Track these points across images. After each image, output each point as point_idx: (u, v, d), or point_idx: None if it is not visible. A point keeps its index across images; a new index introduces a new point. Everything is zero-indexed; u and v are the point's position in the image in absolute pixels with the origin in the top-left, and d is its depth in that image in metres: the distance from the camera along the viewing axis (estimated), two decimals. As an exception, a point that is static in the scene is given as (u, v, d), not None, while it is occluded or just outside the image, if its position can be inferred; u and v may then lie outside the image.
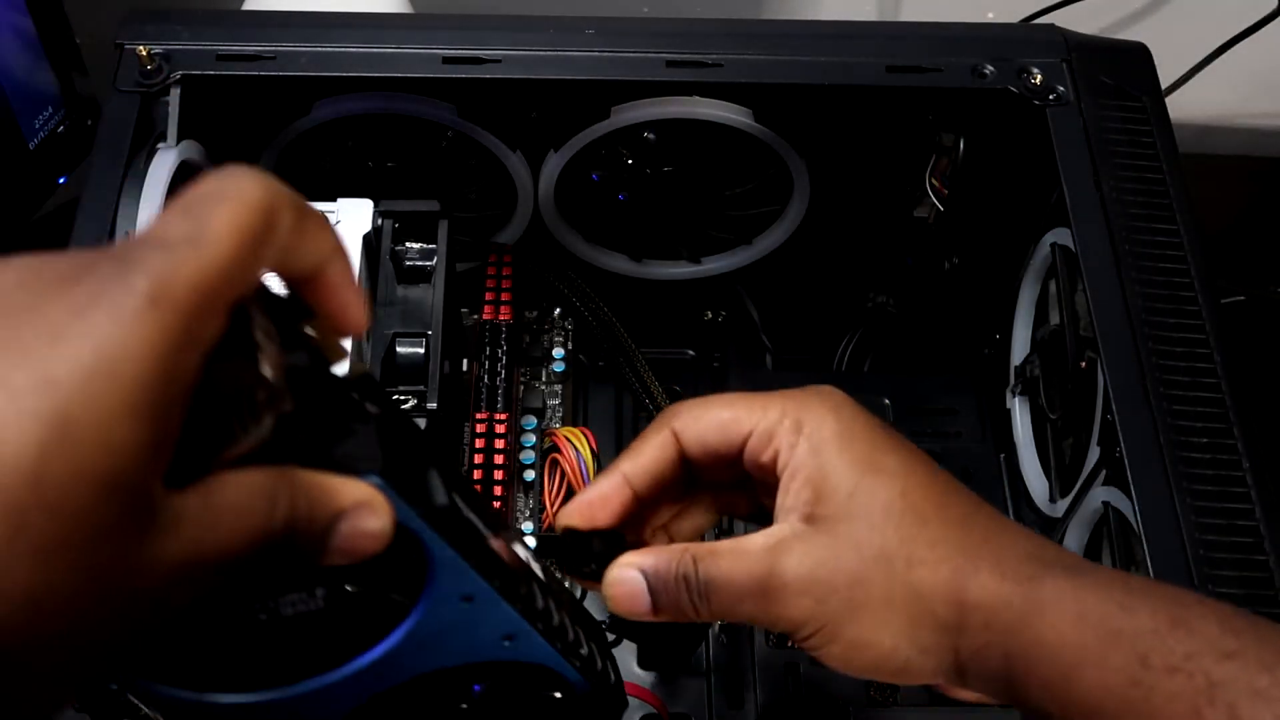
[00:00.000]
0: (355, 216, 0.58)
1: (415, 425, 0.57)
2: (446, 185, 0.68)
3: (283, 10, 0.68)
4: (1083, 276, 0.56)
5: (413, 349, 0.56)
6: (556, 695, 0.41)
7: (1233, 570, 0.48)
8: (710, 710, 0.61)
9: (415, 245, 0.59)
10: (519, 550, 0.37)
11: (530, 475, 0.64)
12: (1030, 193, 0.63)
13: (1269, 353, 0.86)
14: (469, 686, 0.39)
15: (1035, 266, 0.65)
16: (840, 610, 0.38)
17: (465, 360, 0.64)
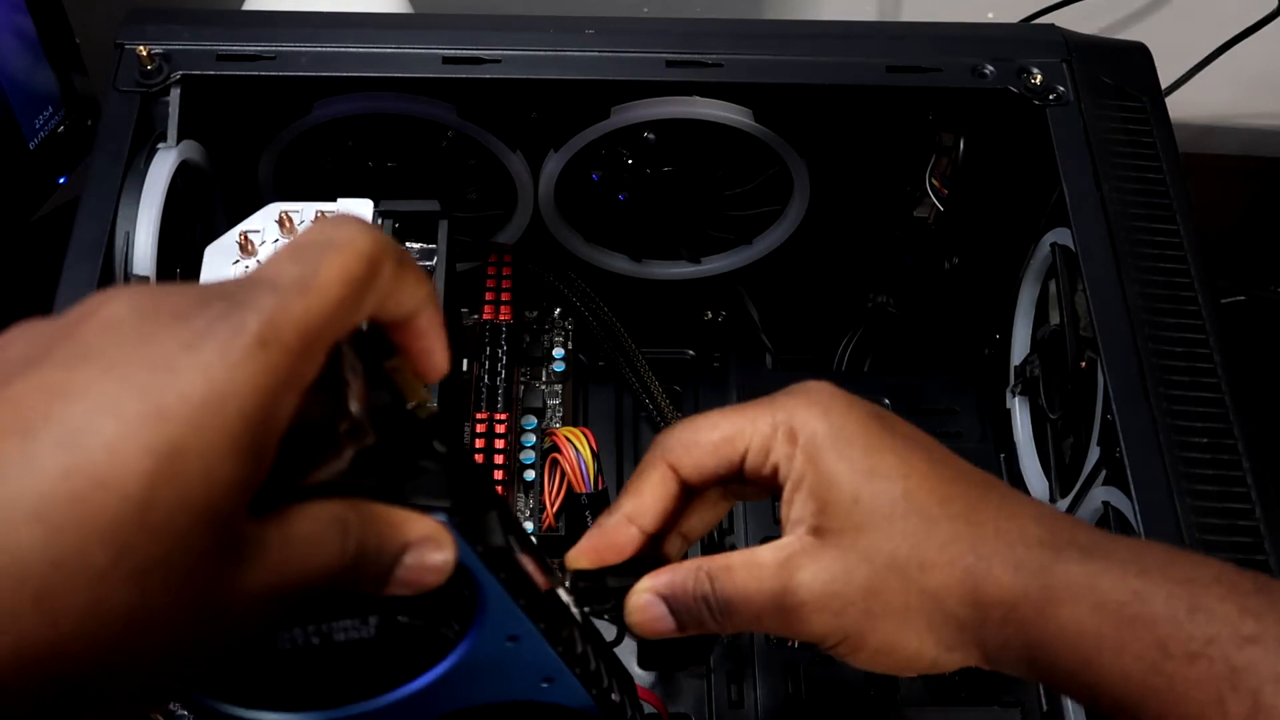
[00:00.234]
0: (355, 217, 0.58)
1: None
2: (446, 185, 0.68)
3: (283, 10, 0.68)
4: (1083, 276, 0.56)
5: None
6: None
7: (1233, 570, 0.48)
8: (710, 710, 0.61)
9: (415, 245, 0.59)
10: (563, 595, 0.38)
11: (530, 475, 0.64)
12: (1030, 193, 0.63)
13: (1269, 353, 0.86)
14: None
15: (1035, 266, 0.65)
16: (859, 621, 0.38)
17: (465, 360, 0.64)
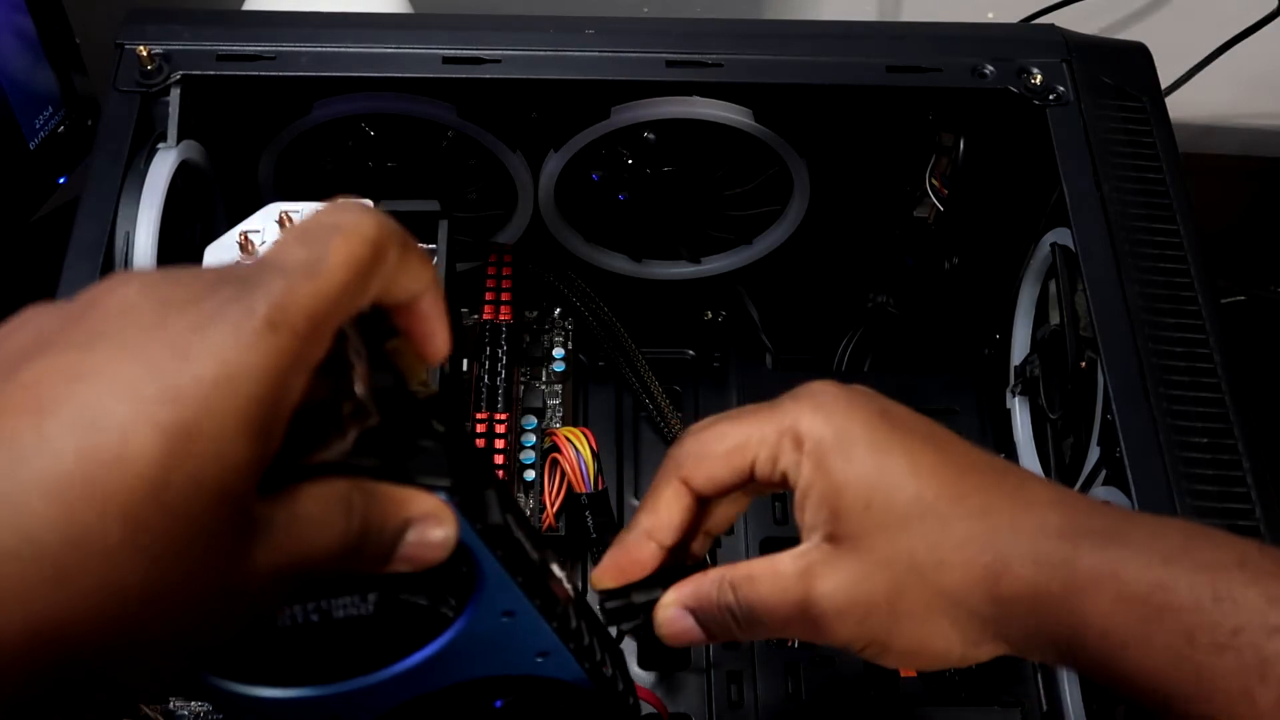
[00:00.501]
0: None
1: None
2: (446, 185, 0.68)
3: (283, 10, 0.68)
4: (1083, 276, 0.56)
5: None
6: (575, 713, 0.41)
7: (1233, 570, 0.48)
8: (710, 710, 0.61)
9: (415, 245, 0.59)
10: (557, 571, 0.38)
11: (530, 475, 0.64)
12: (1030, 193, 0.63)
13: (1269, 353, 0.86)
14: (492, 700, 0.40)
15: (1035, 266, 0.65)
16: (884, 625, 0.38)
17: (465, 360, 0.64)
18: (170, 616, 0.26)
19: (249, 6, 0.73)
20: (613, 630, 0.42)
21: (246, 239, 0.56)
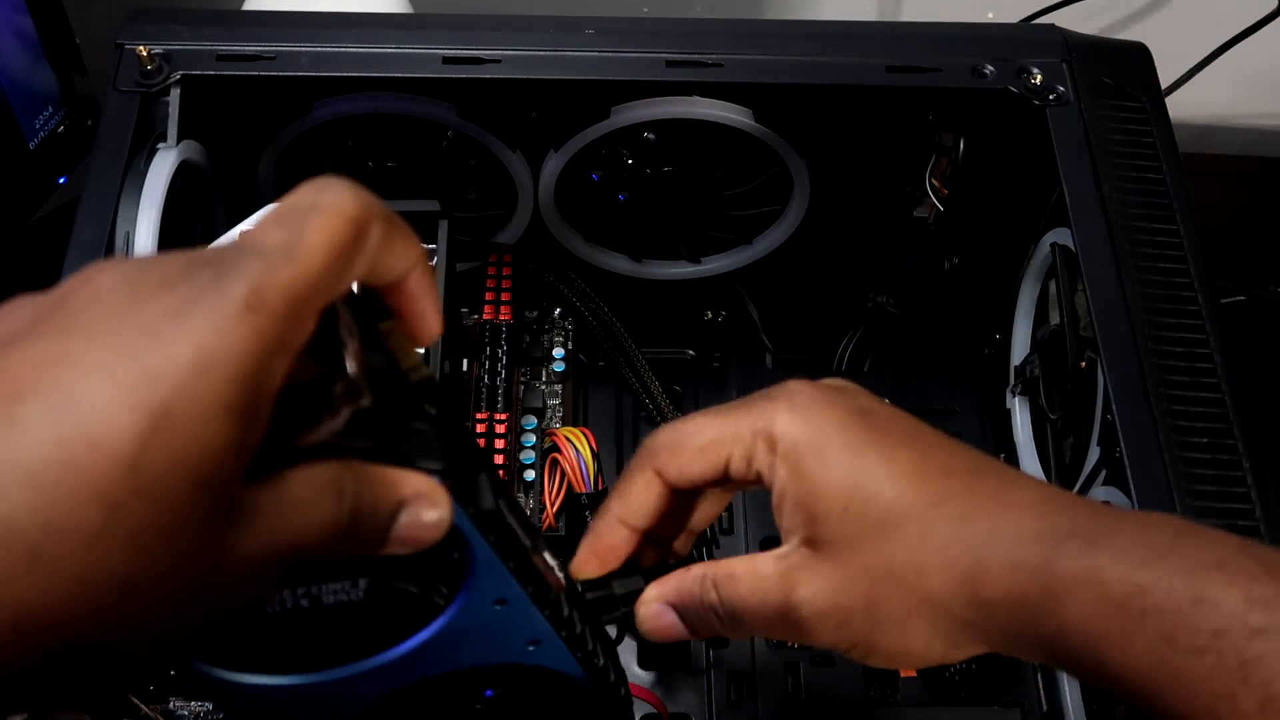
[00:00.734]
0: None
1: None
2: (446, 185, 0.68)
3: (283, 10, 0.68)
4: (1083, 276, 0.56)
5: None
6: (566, 704, 0.41)
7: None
8: (710, 710, 0.61)
9: (415, 245, 0.59)
10: (549, 559, 0.38)
11: (530, 475, 0.64)
12: (1030, 193, 0.63)
13: (1269, 353, 0.87)
14: (482, 690, 0.39)
15: (1035, 266, 0.65)
16: (865, 630, 0.38)
17: (465, 360, 0.64)
18: (154, 603, 0.25)
19: (249, 6, 0.73)
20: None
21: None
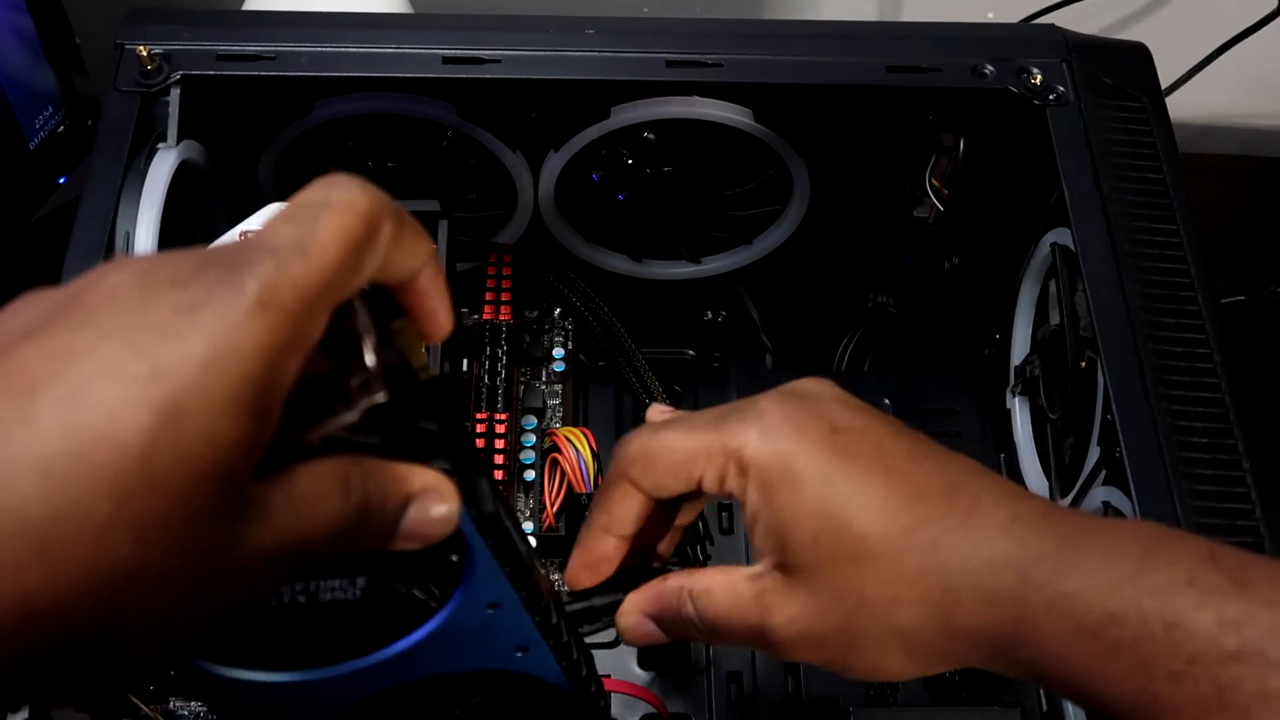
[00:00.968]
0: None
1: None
2: (446, 185, 0.68)
3: (283, 10, 0.68)
4: (1083, 276, 0.56)
5: None
6: (547, 713, 0.42)
7: (1233, 570, 0.48)
8: (710, 710, 0.61)
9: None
10: (539, 567, 0.38)
11: (530, 475, 0.64)
12: (1030, 193, 0.63)
13: (1269, 353, 0.87)
14: (467, 697, 0.40)
15: (1035, 266, 0.65)
16: (839, 651, 0.38)
17: (465, 360, 0.64)
18: (161, 595, 0.26)
19: (249, 6, 0.73)
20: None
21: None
